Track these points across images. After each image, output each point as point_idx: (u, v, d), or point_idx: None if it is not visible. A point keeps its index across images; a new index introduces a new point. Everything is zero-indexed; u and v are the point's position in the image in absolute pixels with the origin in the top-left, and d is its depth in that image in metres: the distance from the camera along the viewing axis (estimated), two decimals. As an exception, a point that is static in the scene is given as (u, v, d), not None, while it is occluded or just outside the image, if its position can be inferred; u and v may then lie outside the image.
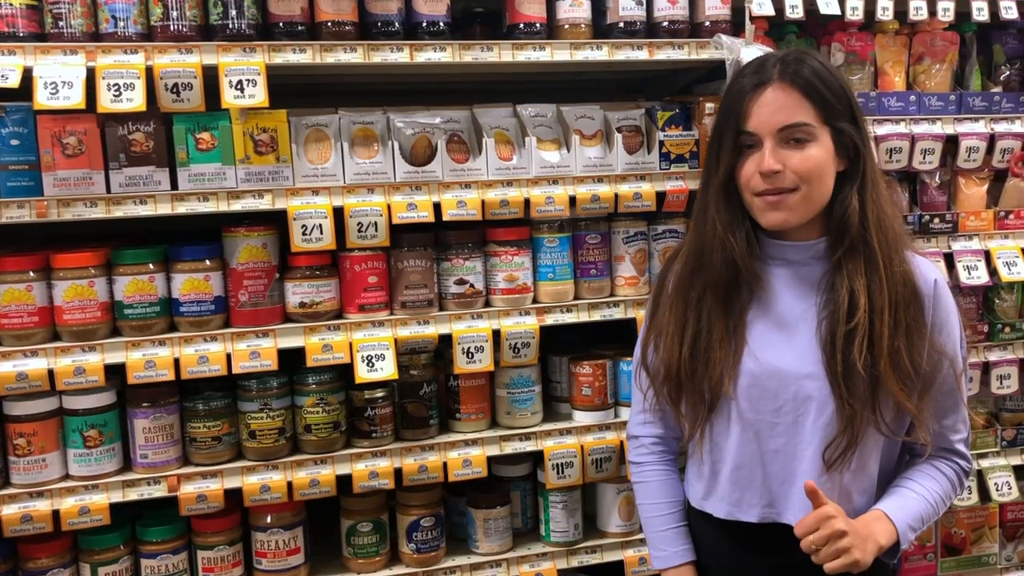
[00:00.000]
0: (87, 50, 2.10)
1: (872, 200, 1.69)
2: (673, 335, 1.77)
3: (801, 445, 1.71)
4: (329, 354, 2.29)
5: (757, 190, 1.67)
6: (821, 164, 1.66)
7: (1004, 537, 3.06)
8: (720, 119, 1.73)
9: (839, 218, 1.69)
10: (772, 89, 1.65)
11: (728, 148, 1.69)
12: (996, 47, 2.92)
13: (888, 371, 1.63)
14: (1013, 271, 2.74)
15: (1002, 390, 2.86)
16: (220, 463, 2.31)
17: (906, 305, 1.67)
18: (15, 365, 2.13)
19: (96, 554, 2.28)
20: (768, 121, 1.64)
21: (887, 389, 1.64)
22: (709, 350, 1.73)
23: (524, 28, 2.41)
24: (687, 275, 1.79)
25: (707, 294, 1.75)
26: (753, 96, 1.65)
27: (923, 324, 1.68)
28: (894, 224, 1.72)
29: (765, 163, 1.64)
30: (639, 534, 2.60)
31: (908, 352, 1.65)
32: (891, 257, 1.67)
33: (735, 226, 1.72)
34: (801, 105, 1.64)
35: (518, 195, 2.39)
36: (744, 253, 1.71)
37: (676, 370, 1.76)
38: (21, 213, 2.11)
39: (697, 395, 1.76)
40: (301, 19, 2.25)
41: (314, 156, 2.30)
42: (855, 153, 1.69)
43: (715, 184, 1.72)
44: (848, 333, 1.64)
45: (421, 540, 2.46)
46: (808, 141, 1.65)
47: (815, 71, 1.65)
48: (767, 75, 1.66)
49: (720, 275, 1.72)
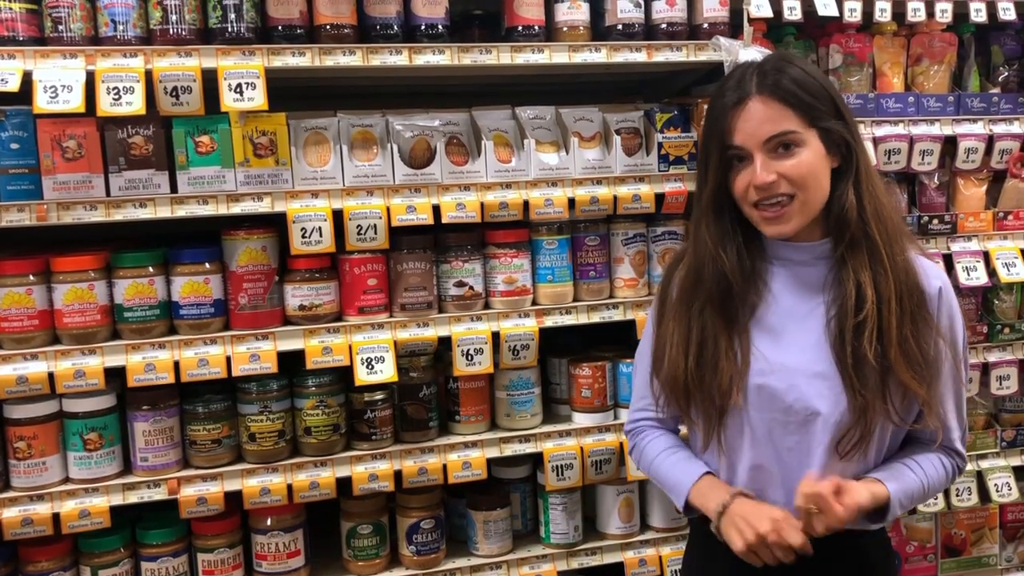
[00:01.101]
0: (87, 54, 2.10)
1: (868, 192, 1.70)
2: (678, 346, 1.79)
3: (814, 443, 1.72)
4: (329, 357, 2.30)
5: (754, 201, 1.69)
6: (814, 167, 1.67)
7: (1004, 538, 3.06)
8: (705, 135, 1.75)
9: (837, 214, 1.70)
10: (753, 102, 1.66)
11: (715, 164, 1.71)
12: (994, 48, 2.92)
13: (899, 359, 1.65)
14: (1012, 272, 2.74)
15: (1001, 391, 2.86)
16: (220, 466, 2.32)
17: (910, 293, 1.68)
18: (15, 368, 2.14)
19: (96, 557, 2.28)
20: (754, 134, 1.66)
21: (898, 377, 1.65)
22: (716, 359, 1.74)
23: (522, 31, 2.41)
24: (689, 288, 1.80)
25: (707, 307, 1.76)
26: (735, 111, 1.67)
27: (927, 313, 1.70)
28: (892, 214, 1.73)
29: (758, 177, 1.65)
30: (639, 535, 2.61)
31: (916, 339, 1.67)
32: (892, 247, 1.69)
33: (725, 241, 1.74)
34: (784, 114, 1.65)
35: (517, 197, 2.39)
36: (735, 267, 1.73)
37: (684, 381, 1.77)
38: (21, 217, 2.11)
39: (707, 401, 1.77)
40: (300, 22, 2.25)
41: (313, 159, 2.31)
42: (846, 148, 1.70)
43: (704, 199, 1.75)
44: (857, 326, 1.66)
45: (421, 542, 2.46)
46: (797, 146, 1.66)
47: (793, 78, 1.66)
48: (746, 89, 1.67)
49: (714, 289, 1.74)
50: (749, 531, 1.65)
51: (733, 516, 1.69)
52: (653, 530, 2.64)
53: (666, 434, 1.94)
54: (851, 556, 1.78)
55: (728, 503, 1.72)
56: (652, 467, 1.92)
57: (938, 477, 1.77)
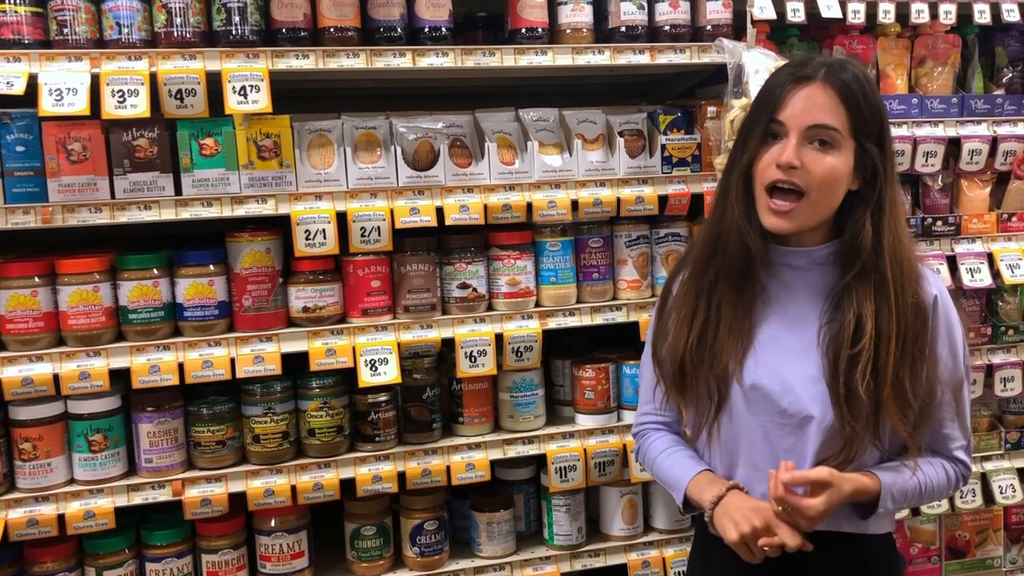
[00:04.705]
0: (91, 57, 2.11)
1: (889, 229, 1.68)
2: (683, 321, 1.78)
3: (809, 445, 1.72)
4: (332, 358, 2.30)
5: (770, 180, 1.67)
6: (836, 175, 1.66)
7: (1008, 540, 3.06)
8: (755, 106, 1.73)
9: (850, 241, 1.69)
10: (814, 86, 1.65)
11: (758, 134, 1.69)
12: (998, 49, 2.92)
13: (890, 400, 1.64)
14: (1016, 273, 2.74)
15: (1006, 393, 2.86)
16: (224, 467, 2.32)
17: (915, 336, 1.67)
18: (21, 370, 2.15)
19: (101, 558, 2.29)
20: (800, 116, 1.64)
21: (887, 416, 1.66)
22: (717, 338, 1.74)
23: (526, 33, 2.42)
24: (703, 260, 1.79)
25: (720, 280, 1.75)
26: (792, 88, 1.66)
27: (924, 354, 1.68)
28: (910, 255, 1.71)
29: (785, 155, 1.64)
30: (642, 537, 2.61)
31: (911, 383, 1.66)
32: (904, 287, 1.67)
33: (752, 215, 1.72)
34: (836, 109, 1.64)
35: (520, 199, 2.40)
36: (759, 240, 1.71)
37: (682, 356, 1.77)
38: (26, 219, 2.12)
39: (703, 388, 1.77)
40: (304, 25, 2.26)
41: (317, 161, 2.31)
42: (872, 175, 1.68)
43: (739, 169, 1.72)
44: (852, 357, 1.65)
45: (424, 543, 2.46)
46: (832, 147, 1.65)
47: (860, 84, 1.66)
48: (811, 72, 1.66)
49: (734, 260, 1.72)
50: (745, 523, 1.66)
51: (727, 508, 1.71)
52: (657, 532, 2.64)
53: (669, 435, 1.95)
54: (855, 558, 1.78)
55: (722, 495, 1.73)
56: (654, 465, 1.93)
57: (938, 480, 1.77)
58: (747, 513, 1.67)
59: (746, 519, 1.66)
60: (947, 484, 1.79)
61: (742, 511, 1.68)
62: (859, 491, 1.68)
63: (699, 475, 1.82)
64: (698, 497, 1.79)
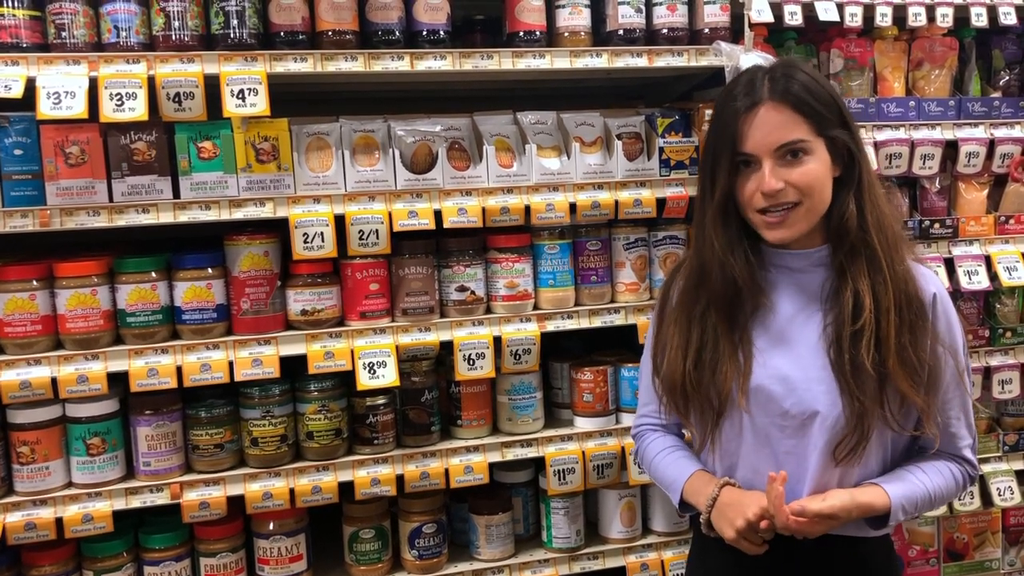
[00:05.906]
0: (90, 60, 2.11)
1: (870, 202, 1.71)
2: (677, 349, 1.79)
3: (810, 447, 1.72)
4: (331, 361, 2.30)
5: (759, 207, 1.69)
6: (820, 176, 1.68)
7: (1007, 542, 3.06)
8: (714, 140, 1.74)
9: (837, 223, 1.71)
10: (765, 109, 1.66)
11: (725, 170, 1.70)
12: (995, 52, 2.92)
13: (897, 368, 1.65)
14: (1014, 276, 2.74)
15: (1003, 395, 2.86)
16: (222, 470, 2.32)
17: (909, 303, 1.69)
18: (18, 373, 2.14)
19: (99, 561, 2.28)
20: (764, 142, 1.66)
21: (896, 385, 1.66)
22: (716, 362, 1.75)
23: (524, 36, 2.42)
24: (691, 289, 1.81)
25: (710, 309, 1.77)
26: (747, 117, 1.67)
27: (926, 321, 1.71)
28: (893, 224, 1.74)
29: (767, 184, 1.66)
30: (641, 539, 2.61)
31: (914, 348, 1.67)
32: (892, 256, 1.70)
33: (733, 245, 1.73)
34: (795, 122, 1.66)
35: (519, 202, 2.40)
36: (744, 271, 1.73)
37: (681, 383, 1.78)
38: (24, 222, 2.12)
39: (705, 402, 1.77)
40: (302, 28, 2.26)
41: (315, 164, 2.32)
42: (849, 158, 1.71)
43: (711, 205, 1.74)
44: (855, 334, 1.66)
45: (423, 547, 2.46)
46: (805, 155, 1.67)
47: (804, 85, 1.67)
48: (758, 95, 1.67)
49: (721, 292, 1.74)
50: (739, 518, 1.68)
51: (722, 508, 1.73)
52: (655, 534, 2.64)
53: (667, 436, 1.96)
54: (853, 559, 1.78)
55: (716, 495, 1.75)
56: (651, 466, 1.95)
57: (946, 485, 1.77)
58: (740, 508, 1.69)
59: (740, 513, 1.68)
60: (955, 487, 1.80)
61: (735, 507, 1.70)
62: (867, 510, 1.69)
63: (694, 475, 1.84)
64: (694, 500, 1.81)
